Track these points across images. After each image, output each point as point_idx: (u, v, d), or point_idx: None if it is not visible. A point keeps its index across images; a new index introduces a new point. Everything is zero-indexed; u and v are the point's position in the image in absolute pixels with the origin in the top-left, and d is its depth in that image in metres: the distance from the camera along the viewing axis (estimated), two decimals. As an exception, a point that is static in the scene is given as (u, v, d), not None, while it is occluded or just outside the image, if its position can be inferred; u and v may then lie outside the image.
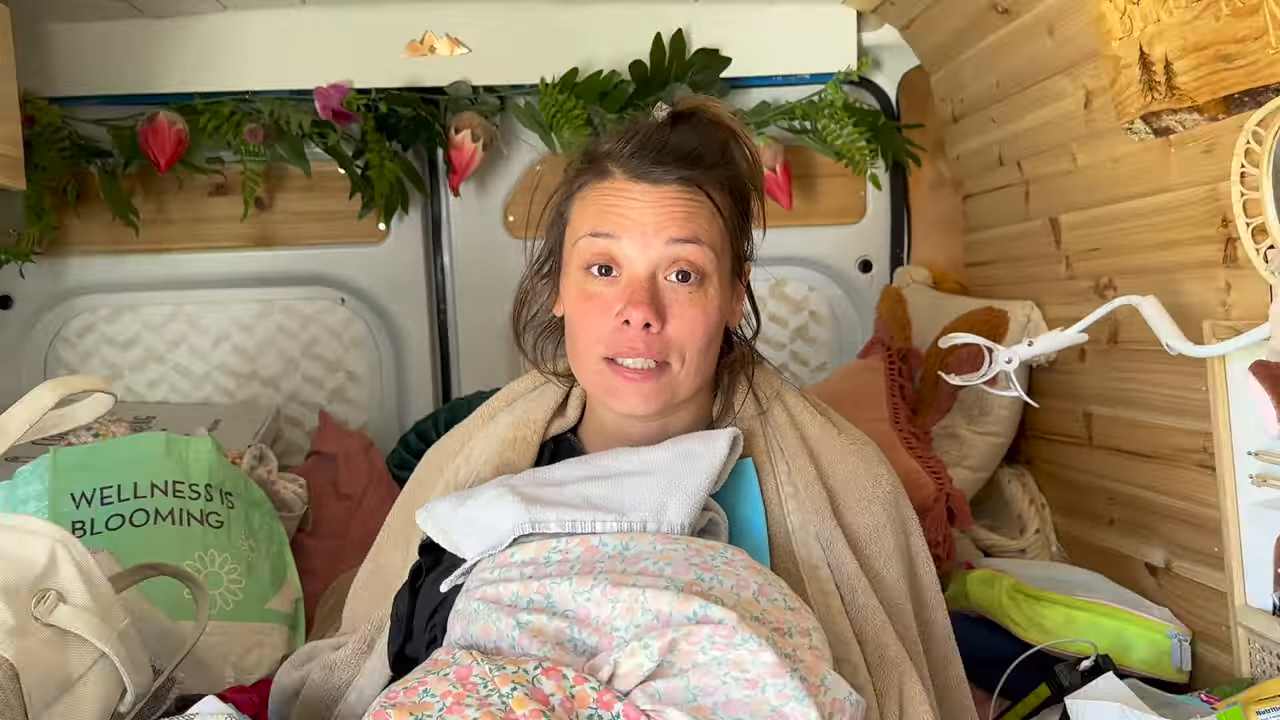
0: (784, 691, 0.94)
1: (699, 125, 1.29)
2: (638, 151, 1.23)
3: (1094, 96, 1.80)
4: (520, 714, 0.91)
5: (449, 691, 0.94)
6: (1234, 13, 1.37)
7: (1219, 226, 1.56)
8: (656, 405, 1.23)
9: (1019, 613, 1.72)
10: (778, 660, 0.95)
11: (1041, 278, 2.14)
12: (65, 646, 1.10)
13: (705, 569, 1.06)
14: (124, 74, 2.36)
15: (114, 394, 1.27)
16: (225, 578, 1.73)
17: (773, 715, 0.93)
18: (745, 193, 1.32)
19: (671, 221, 1.21)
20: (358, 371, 2.61)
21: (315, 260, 2.56)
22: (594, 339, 1.23)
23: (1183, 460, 1.72)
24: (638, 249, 1.21)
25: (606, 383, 1.24)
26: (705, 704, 0.93)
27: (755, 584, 1.06)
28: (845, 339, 2.70)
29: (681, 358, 1.22)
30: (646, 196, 1.22)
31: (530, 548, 1.12)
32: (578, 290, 1.25)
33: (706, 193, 1.24)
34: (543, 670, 0.95)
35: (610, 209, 1.23)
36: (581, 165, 1.30)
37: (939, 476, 2.02)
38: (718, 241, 1.24)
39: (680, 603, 0.99)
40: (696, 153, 1.25)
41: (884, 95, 2.61)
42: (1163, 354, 1.61)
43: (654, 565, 1.06)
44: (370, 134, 2.38)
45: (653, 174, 1.22)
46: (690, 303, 1.22)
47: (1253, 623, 1.52)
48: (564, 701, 0.93)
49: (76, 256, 2.48)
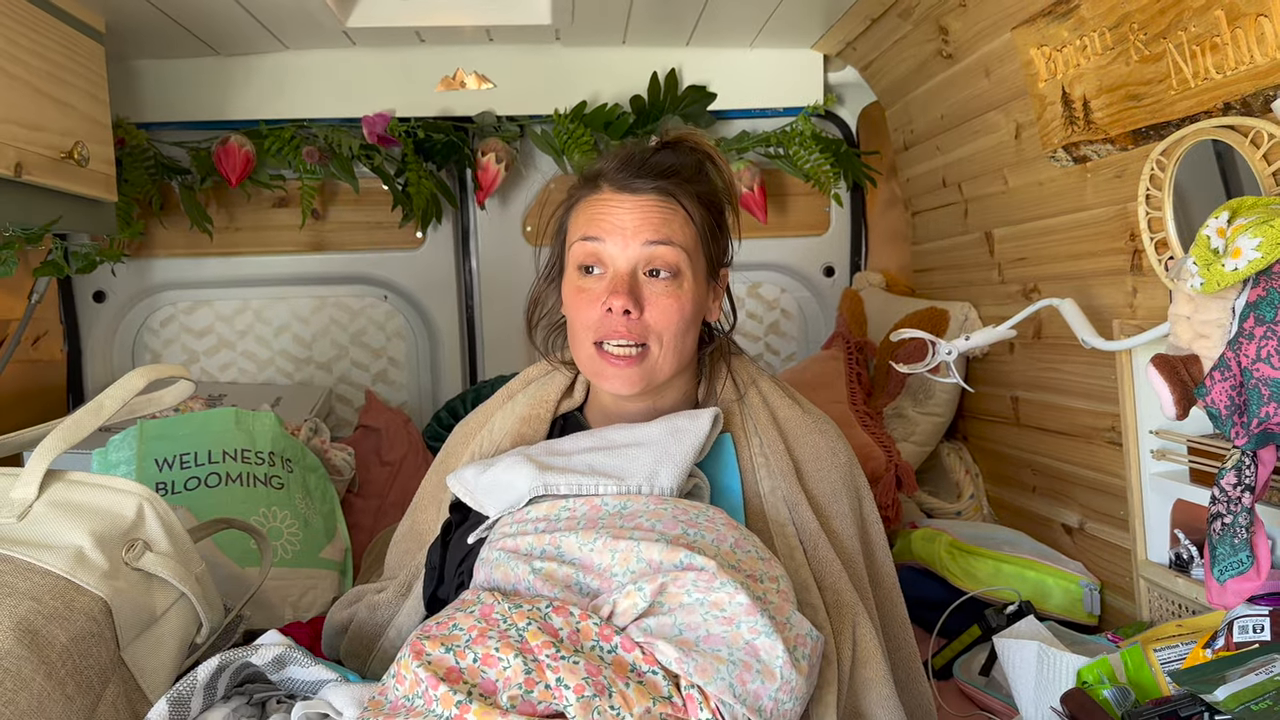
0: (755, 627, 0.95)
1: (681, 150, 1.31)
2: (622, 168, 1.25)
3: (1023, 129, 1.80)
4: (534, 644, 0.92)
5: (474, 626, 0.96)
6: (1142, 60, 1.38)
7: (1127, 240, 1.56)
8: (639, 386, 1.24)
9: (955, 565, 1.73)
10: (750, 601, 0.96)
11: (977, 282, 2.14)
12: (150, 587, 1.11)
13: (690, 525, 1.06)
14: (201, 103, 2.36)
15: (194, 381, 1.28)
16: (285, 531, 1.74)
17: (746, 647, 0.94)
18: (719, 205, 1.32)
19: (648, 225, 1.22)
20: (398, 358, 2.62)
21: (362, 263, 2.56)
22: (585, 326, 1.24)
23: (1095, 437, 1.73)
24: (619, 249, 1.22)
25: (597, 367, 1.25)
26: (689, 637, 0.94)
27: (732, 538, 1.07)
28: (811, 333, 2.71)
29: (660, 341, 1.23)
30: (626, 204, 1.23)
31: (543, 507, 1.13)
32: (572, 287, 1.27)
33: (680, 202, 1.25)
34: (553, 609, 0.96)
35: (597, 216, 1.24)
36: (579, 183, 1.31)
37: (889, 450, 2.03)
38: (690, 244, 1.25)
39: (669, 552, 1.00)
40: (673, 169, 1.26)
41: (846, 126, 2.61)
42: (1079, 347, 1.62)
43: (647, 521, 1.07)
44: (410, 156, 2.39)
45: (633, 185, 1.24)
46: (665, 294, 1.22)
47: (1152, 575, 1.53)
48: (571, 635, 0.94)
49: (160, 258, 2.48)
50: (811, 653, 0.98)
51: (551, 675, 0.89)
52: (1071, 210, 1.71)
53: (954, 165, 2.14)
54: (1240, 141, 1.24)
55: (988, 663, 1.51)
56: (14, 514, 1.07)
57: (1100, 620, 1.68)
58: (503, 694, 0.89)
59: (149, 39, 2.18)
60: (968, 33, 1.85)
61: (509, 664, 0.90)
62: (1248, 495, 1.10)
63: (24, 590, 0.98)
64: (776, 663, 0.93)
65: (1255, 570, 1.10)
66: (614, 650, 0.93)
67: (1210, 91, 1.27)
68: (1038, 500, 1.95)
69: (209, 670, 1.01)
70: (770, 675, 0.93)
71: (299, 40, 2.29)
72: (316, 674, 1.05)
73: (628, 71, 2.42)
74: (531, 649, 0.92)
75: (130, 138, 2.29)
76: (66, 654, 0.96)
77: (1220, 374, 1.09)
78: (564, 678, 0.88)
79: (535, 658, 0.91)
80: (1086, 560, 1.75)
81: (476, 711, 0.86)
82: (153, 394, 1.26)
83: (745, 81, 2.47)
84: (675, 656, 0.91)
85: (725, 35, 2.37)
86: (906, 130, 2.34)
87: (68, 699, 0.95)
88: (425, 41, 2.35)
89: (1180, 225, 1.40)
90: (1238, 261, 1.06)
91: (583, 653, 0.92)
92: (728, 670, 0.91)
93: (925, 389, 2.18)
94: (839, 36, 2.32)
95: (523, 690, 0.89)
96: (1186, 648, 1.17)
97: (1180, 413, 1.16)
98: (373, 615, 1.29)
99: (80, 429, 1.15)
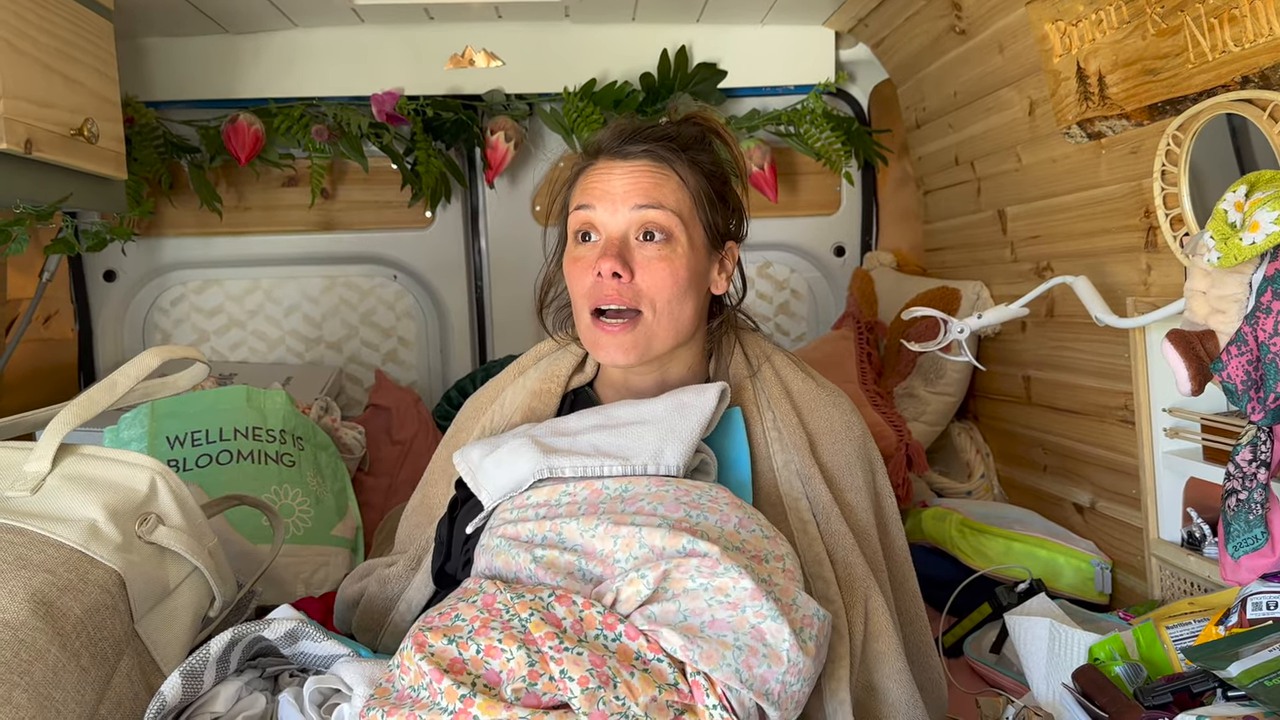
0: (760, 611, 0.94)
1: (685, 124, 1.32)
2: (617, 137, 1.26)
3: (1037, 106, 1.78)
4: (537, 635, 0.92)
5: (476, 616, 0.95)
6: (1158, 33, 1.36)
7: (1142, 217, 1.55)
8: (633, 355, 1.23)
9: (966, 544, 1.73)
10: (755, 585, 0.95)
11: (989, 261, 2.13)
12: (163, 561, 1.11)
13: (693, 507, 1.05)
14: (210, 81, 2.36)
15: (208, 364, 1.28)
16: (296, 508, 1.74)
17: (752, 631, 0.93)
18: (722, 176, 1.31)
19: (637, 190, 1.22)
20: (408, 337, 2.62)
21: (372, 242, 2.55)
22: (581, 294, 1.24)
23: (1107, 416, 1.72)
24: (609, 214, 1.23)
25: (593, 337, 1.25)
26: (694, 624, 0.94)
27: (736, 518, 1.06)
28: (821, 313, 2.70)
29: (652, 307, 1.22)
30: (618, 170, 1.24)
31: (544, 491, 1.12)
32: (569, 258, 1.27)
33: (673, 168, 1.25)
34: (556, 598, 0.96)
35: (591, 185, 1.25)
36: (579, 157, 1.32)
37: (900, 429, 2.03)
38: (685, 209, 1.24)
39: (671, 538, 0.99)
40: (667, 135, 1.27)
41: (857, 104, 2.59)
42: (1092, 325, 1.61)
43: (649, 505, 1.06)
44: (419, 134, 2.38)
45: (624, 151, 1.25)
46: (658, 258, 1.22)
47: (1164, 553, 1.52)
48: (574, 624, 0.93)
49: (170, 237, 2.48)
50: (819, 633, 0.98)
51: (555, 667, 0.88)
52: (1085, 187, 1.69)
53: (966, 143, 2.12)
54: (1258, 115, 1.23)
55: (998, 640, 1.51)
56: (27, 487, 1.07)
57: (1111, 599, 1.67)
58: (506, 686, 0.89)
59: (158, 17, 2.17)
60: (981, 8, 1.83)
61: (512, 655, 0.90)
62: (1263, 471, 1.10)
63: (38, 562, 0.98)
64: (783, 646, 0.93)
65: (1270, 546, 1.10)
66: (618, 639, 0.93)
67: (1228, 65, 1.25)
68: (1049, 479, 1.94)
69: (222, 644, 1.01)
70: (777, 659, 0.92)
71: (308, 18, 2.29)
72: (329, 649, 1.06)
73: (637, 49, 2.41)
74: (535, 640, 0.91)
75: (139, 116, 2.28)
76: (81, 626, 0.97)
77: (1237, 349, 1.09)
78: (568, 669, 0.88)
79: (538, 649, 0.90)
80: (1098, 539, 1.75)
81: (481, 705, 0.86)
82: (167, 378, 1.26)
83: (756, 59, 2.46)
84: (680, 644, 0.91)
85: (736, 12, 2.35)
86: (918, 108, 2.32)
87: (82, 670, 0.95)
88: (434, 19, 2.34)
89: (1195, 201, 1.38)
90: (1255, 235, 1.05)
91: (586, 642, 0.92)
92: (734, 655, 0.91)
93: (936, 368, 2.17)
94: (851, 13, 2.30)
95: (526, 682, 0.88)
96: (1199, 625, 1.17)
97: (1195, 388, 1.15)
98: (383, 589, 1.30)
99: (93, 406, 1.15)
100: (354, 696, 0.98)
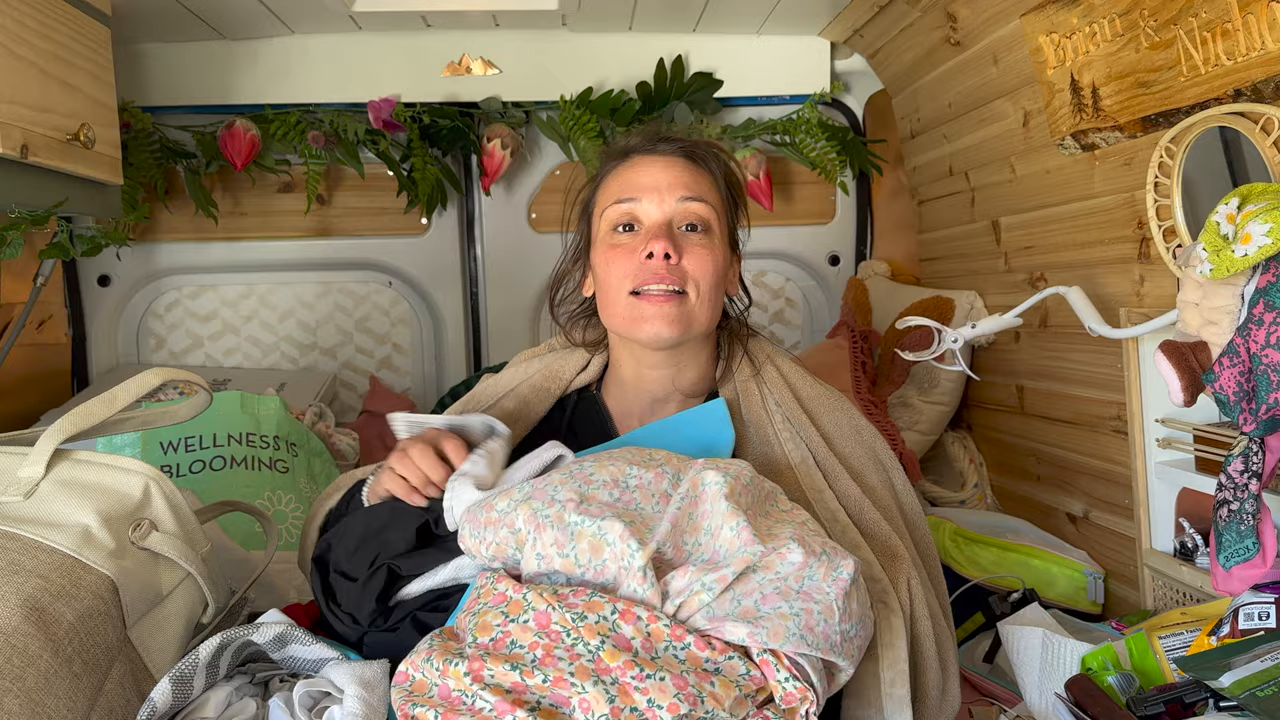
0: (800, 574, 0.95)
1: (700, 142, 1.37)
2: (650, 138, 1.31)
3: (1031, 117, 1.79)
4: (614, 665, 0.88)
5: (536, 643, 0.91)
6: (1152, 46, 1.37)
7: (1135, 228, 1.56)
8: (678, 329, 1.23)
9: (959, 553, 1.73)
10: (803, 558, 0.95)
11: (983, 271, 2.14)
12: (156, 567, 1.11)
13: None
14: (206, 87, 2.36)
15: (210, 392, 1.27)
16: (290, 515, 1.74)
17: (800, 595, 0.94)
18: (736, 186, 1.36)
19: (680, 183, 1.26)
20: (403, 344, 2.62)
21: (367, 249, 2.55)
22: (621, 277, 1.24)
23: (1100, 426, 1.72)
24: (655, 205, 1.25)
25: (634, 313, 1.24)
26: (749, 605, 0.93)
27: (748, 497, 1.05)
28: (816, 322, 2.70)
29: (697, 289, 1.24)
30: (659, 164, 1.28)
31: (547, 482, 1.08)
32: (606, 247, 1.27)
33: (708, 167, 1.30)
34: (619, 614, 0.92)
35: (631, 179, 1.28)
36: (604, 160, 1.35)
37: (893, 439, 2.03)
38: (719, 205, 1.29)
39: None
40: (693, 140, 1.33)
41: (852, 114, 2.60)
42: (1085, 336, 1.61)
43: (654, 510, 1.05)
44: (415, 141, 2.38)
45: (662, 148, 1.29)
46: (701, 245, 1.25)
47: (1156, 564, 1.53)
48: (644, 643, 0.91)
49: (165, 243, 2.48)
50: (855, 573, 0.98)
51: (641, 698, 0.86)
52: (1079, 198, 1.70)
53: (961, 153, 2.13)
54: (1250, 129, 1.23)
55: (991, 650, 1.51)
56: (21, 492, 1.07)
57: (1104, 609, 1.68)
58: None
59: (155, 22, 2.17)
60: (976, 20, 1.84)
61: (586, 691, 0.86)
62: (1255, 482, 1.10)
63: (31, 568, 0.98)
64: (830, 596, 0.94)
65: (1261, 557, 1.10)
66: (687, 648, 0.91)
67: (1221, 78, 1.26)
68: (1042, 489, 1.95)
69: (210, 649, 1.01)
70: (829, 611, 0.93)
71: (305, 24, 2.29)
72: (318, 652, 1.06)
73: (634, 58, 2.42)
74: (610, 669, 0.88)
75: (136, 121, 2.28)
76: (73, 632, 0.96)
77: (1229, 360, 1.09)
78: (655, 698, 0.85)
79: (615, 679, 0.87)
80: (1090, 549, 1.75)
81: None
82: (167, 408, 1.25)
83: (752, 68, 2.47)
84: (745, 632, 0.91)
85: (732, 22, 2.36)
86: (913, 118, 2.33)
87: (74, 677, 0.95)
88: (431, 26, 2.34)
89: (1188, 213, 1.39)
90: (1248, 248, 1.05)
91: (660, 660, 0.89)
92: (795, 624, 0.91)
93: (930, 378, 2.17)
94: (846, 23, 2.31)
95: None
96: (1191, 635, 1.17)
97: (1188, 399, 1.16)
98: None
99: (90, 417, 1.15)
100: (345, 698, 0.97)
